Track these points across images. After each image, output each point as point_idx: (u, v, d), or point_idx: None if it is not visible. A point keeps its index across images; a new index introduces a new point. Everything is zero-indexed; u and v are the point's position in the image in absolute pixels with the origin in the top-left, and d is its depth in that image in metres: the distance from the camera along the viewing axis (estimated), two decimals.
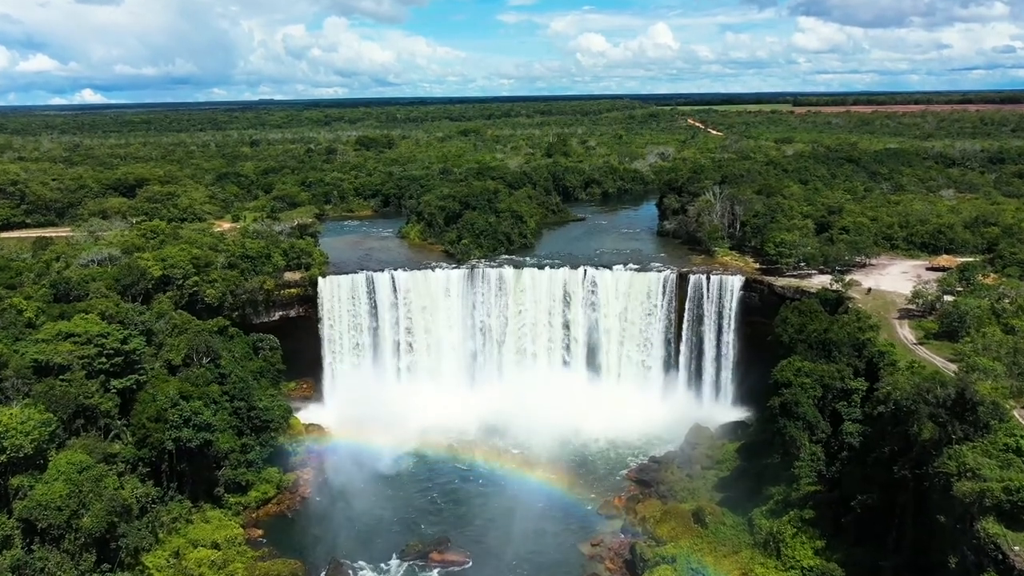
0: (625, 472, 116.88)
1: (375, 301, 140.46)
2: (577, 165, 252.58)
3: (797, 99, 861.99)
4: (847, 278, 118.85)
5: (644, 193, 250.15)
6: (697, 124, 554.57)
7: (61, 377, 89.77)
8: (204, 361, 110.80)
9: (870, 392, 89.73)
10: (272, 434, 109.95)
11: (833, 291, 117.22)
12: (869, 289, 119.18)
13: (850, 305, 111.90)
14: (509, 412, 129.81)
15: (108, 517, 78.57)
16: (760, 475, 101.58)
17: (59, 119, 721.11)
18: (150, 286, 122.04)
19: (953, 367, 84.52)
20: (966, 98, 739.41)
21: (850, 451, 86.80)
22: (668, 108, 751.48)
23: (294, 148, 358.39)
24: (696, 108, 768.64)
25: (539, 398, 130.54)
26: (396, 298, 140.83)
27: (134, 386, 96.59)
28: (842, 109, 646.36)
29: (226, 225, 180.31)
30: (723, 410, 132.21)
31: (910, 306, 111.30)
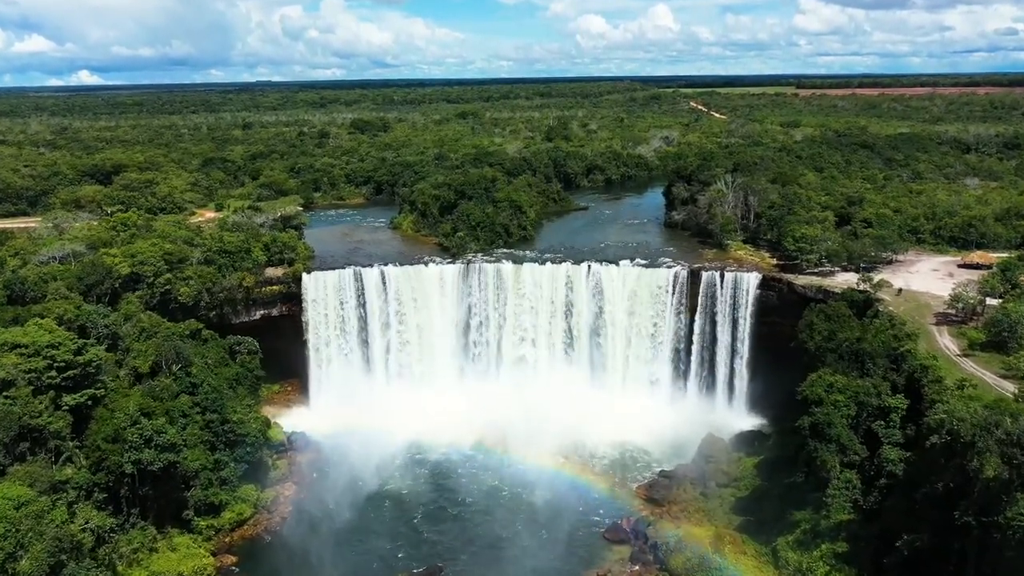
0: (634, 488, 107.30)
1: (364, 299, 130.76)
2: (578, 150, 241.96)
3: (800, 81, 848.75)
4: (876, 277, 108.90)
5: (648, 179, 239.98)
6: (700, 107, 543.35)
7: (4, 394, 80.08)
8: (174, 369, 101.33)
9: (911, 412, 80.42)
10: (248, 449, 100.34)
11: (860, 291, 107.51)
12: (900, 290, 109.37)
13: (880, 308, 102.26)
14: (507, 419, 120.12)
15: (51, 558, 68.98)
16: (783, 497, 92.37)
17: (50, 101, 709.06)
18: (117, 285, 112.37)
19: (1010, 387, 75.17)
20: (973, 81, 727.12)
21: (890, 478, 77.43)
22: (670, 90, 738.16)
23: (287, 131, 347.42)
24: (698, 91, 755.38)
25: (539, 404, 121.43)
26: (386, 296, 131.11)
27: (89, 402, 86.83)
28: (847, 92, 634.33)
29: (209, 214, 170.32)
30: (737, 417, 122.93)
31: (948, 310, 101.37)
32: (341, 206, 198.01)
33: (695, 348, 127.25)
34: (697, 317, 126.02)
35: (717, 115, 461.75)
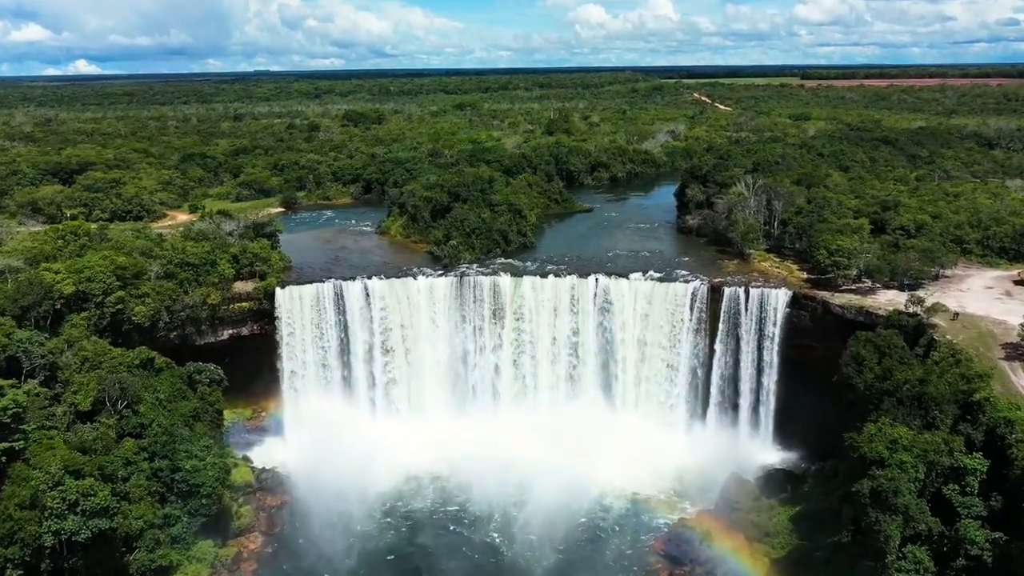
0: (650, 541, 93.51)
1: (345, 316, 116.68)
2: (581, 145, 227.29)
3: (805, 72, 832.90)
4: (928, 299, 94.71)
5: (656, 177, 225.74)
6: (703, 98, 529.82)
7: None
8: (119, 406, 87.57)
9: (993, 475, 66.67)
10: (204, 501, 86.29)
11: (910, 315, 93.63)
12: (956, 314, 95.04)
13: (936, 337, 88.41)
14: (506, 453, 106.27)
15: None
16: (829, 562, 78.92)
17: (38, 91, 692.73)
18: (59, 305, 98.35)
19: None
20: (983, 72, 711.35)
21: (971, 560, 63.58)
22: (672, 81, 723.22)
23: (277, 124, 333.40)
24: (701, 81, 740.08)
25: (542, 436, 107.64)
26: (370, 312, 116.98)
27: (3, 458, 72.97)
28: (855, 83, 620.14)
29: (182, 216, 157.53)
30: (763, 450, 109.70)
31: (1021, 342, 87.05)
32: (327, 206, 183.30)
33: (715, 373, 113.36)
34: (718, 338, 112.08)
35: (722, 107, 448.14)
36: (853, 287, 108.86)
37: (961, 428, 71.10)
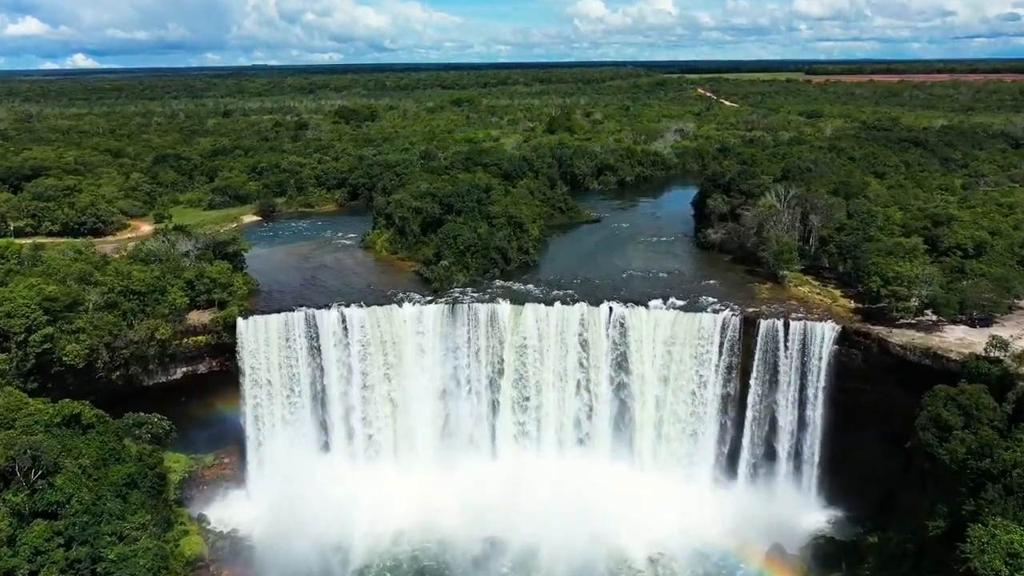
0: None
1: (319, 350, 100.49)
2: (585, 145, 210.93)
3: (812, 67, 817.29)
4: (1013, 341, 78.64)
5: (666, 180, 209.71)
6: (708, 94, 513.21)
7: None
8: (32, 477, 71.56)
9: None
10: None
11: (991, 361, 77.52)
12: None
13: None
14: (503, 514, 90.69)
15: None
16: None
17: (24, 85, 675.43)
18: None
19: None
20: (992, 67, 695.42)
21: None
22: (675, 76, 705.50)
23: (265, 120, 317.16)
24: (705, 77, 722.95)
25: (545, 493, 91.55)
26: (348, 347, 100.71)
27: None
28: (863, 78, 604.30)
29: (146, 227, 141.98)
30: (806, 509, 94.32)
31: None
32: (309, 214, 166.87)
33: (749, 419, 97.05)
34: (753, 380, 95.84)
35: (727, 103, 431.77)
36: (913, 321, 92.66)
37: None
